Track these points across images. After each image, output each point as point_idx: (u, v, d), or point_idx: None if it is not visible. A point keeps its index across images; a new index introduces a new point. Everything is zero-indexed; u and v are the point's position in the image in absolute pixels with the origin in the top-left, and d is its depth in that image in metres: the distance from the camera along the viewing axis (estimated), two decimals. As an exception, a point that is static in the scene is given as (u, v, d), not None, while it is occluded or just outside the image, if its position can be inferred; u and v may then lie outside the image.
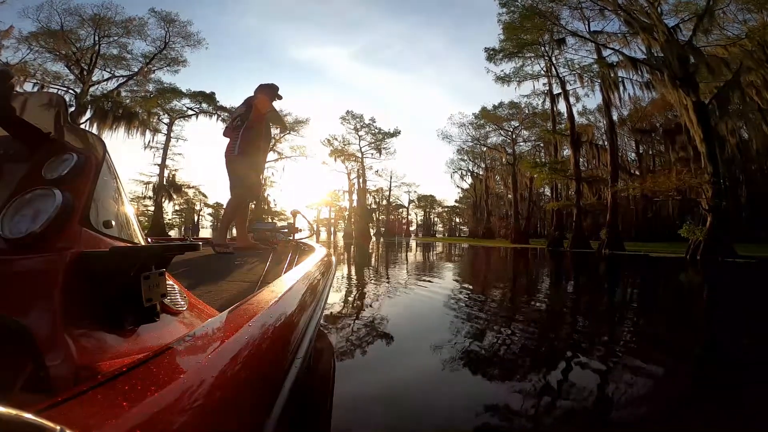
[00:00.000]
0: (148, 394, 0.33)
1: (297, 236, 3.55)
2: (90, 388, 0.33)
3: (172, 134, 29.60)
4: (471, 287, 5.80)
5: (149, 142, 27.35)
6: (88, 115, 22.69)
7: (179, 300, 0.82)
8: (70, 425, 0.23)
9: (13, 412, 0.20)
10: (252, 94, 3.48)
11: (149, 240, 0.98)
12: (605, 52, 18.08)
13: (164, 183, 28.95)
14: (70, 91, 22.98)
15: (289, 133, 34.04)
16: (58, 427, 0.22)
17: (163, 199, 29.07)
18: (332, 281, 2.03)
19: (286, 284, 0.94)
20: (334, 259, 2.43)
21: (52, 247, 0.59)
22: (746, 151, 22.70)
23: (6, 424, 0.19)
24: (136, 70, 25.29)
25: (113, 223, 0.72)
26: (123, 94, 25.67)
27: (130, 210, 0.84)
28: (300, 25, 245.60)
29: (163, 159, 29.06)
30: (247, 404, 0.46)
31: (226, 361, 0.46)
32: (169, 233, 28.96)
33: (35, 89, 20.91)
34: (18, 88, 0.72)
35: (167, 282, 0.74)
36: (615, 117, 20.57)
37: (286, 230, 3.81)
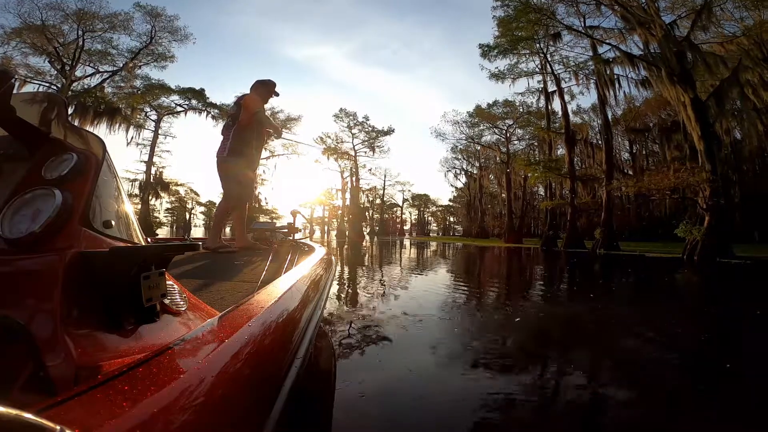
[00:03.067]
0: (148, 394, 0.33)
1: (294, 236, 3.62)
2: (90, 388, 0.33)
3: (160, 131, 29.01)
4: (459, 291, 5.44)
5: (132, 138, 26.68)
6: (69, 111, 22.00)
7: (179, 300, 0.81)
8: (70, 425, 0.24)
9: (13, 412, 0.20)
10: (247, 91, 3.41)
11: (149, 240, 0.96)
12: (601, 49, 17.83)
13: (151, 181, 28.33)
14: (53, 86, 22.30)
15: (280, 137, 33.47)
16: (58, 427, 0.22)
17: (150, 197, 28.46)
18: (332, 281, 2.01)
19: (286, 284, 0.93)
20: (334, 258, 2.43)
21: (52, 247, 0.58)
22: (739, 151, 22.70)
23: (6, 424, 0.19)
24: (121, 65, 24.64)
25: (113, 223, 0.72)
26: (109, 90, 25.09)
27: (130, 210, 0.83)
28: (296, 25, 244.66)
29: (150, 156, 28.46)
30: (247, 404, 0.47)
31: (226, 361, 0.46)
32: (157, 232, 28.27)
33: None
34: None
35: (167, 282, 0.73)
36: (609, 115, 20.33)
37: (286, 230, 3.86)
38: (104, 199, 0.73)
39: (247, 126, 3.20)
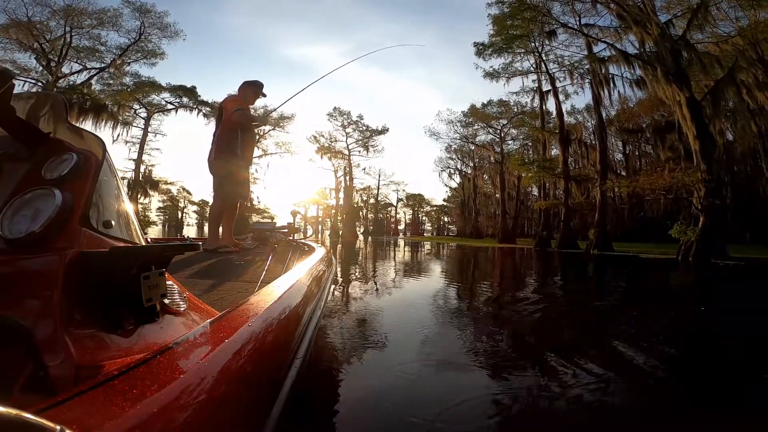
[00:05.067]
0: (148, 394, 0.34)
1: (293, 236, 3.63)
2: (90, 388, 0.33)
3: (149, 129, 28.57)
4: (445, 304, 5.21)
5: (119, 135, 26.16)
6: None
7: (179, 300, 0.81)
8: (70, 425, 0.24)
9: (13, 412, 0.20)
10: (236, 90, 3.54)
11: (149, 240, 0.97)
12: (596, 48, 17.71)
13: (140, 179, 27.85)
14: (39, 83, 21.82)
15: (273, 129, 33.13)
16: (58, 427, 0.22)
17: (139, 196, 27.99)
18: (332, 281, 1.99)
19: (286, 284, 0.93)
20: (333, 258, 2.42)
21: (52, 247, 0.58)
22: (732, 152, 22.79)
23: (6, 424, 0.19)
24: (109, 62, 24.16)
25: (113, 223, 0.72)
26: (97, 87, 24.63)
27: (130, 210, 0.83)
28: (290, 24, 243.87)
29: (140, 154, 28.05)
30: (247, 404, 0.47)
31: (226, 361, 0.47)
32: (146, 231, 27.80)
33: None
34: None
35: (167, 282, 0.73)
36: (603, 115, 20.24)
37: (285, 230, 3.86)
38: (104, 199, 0.72)
39: (229, 127, 3.31)
